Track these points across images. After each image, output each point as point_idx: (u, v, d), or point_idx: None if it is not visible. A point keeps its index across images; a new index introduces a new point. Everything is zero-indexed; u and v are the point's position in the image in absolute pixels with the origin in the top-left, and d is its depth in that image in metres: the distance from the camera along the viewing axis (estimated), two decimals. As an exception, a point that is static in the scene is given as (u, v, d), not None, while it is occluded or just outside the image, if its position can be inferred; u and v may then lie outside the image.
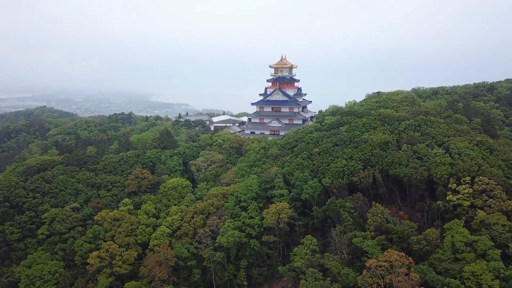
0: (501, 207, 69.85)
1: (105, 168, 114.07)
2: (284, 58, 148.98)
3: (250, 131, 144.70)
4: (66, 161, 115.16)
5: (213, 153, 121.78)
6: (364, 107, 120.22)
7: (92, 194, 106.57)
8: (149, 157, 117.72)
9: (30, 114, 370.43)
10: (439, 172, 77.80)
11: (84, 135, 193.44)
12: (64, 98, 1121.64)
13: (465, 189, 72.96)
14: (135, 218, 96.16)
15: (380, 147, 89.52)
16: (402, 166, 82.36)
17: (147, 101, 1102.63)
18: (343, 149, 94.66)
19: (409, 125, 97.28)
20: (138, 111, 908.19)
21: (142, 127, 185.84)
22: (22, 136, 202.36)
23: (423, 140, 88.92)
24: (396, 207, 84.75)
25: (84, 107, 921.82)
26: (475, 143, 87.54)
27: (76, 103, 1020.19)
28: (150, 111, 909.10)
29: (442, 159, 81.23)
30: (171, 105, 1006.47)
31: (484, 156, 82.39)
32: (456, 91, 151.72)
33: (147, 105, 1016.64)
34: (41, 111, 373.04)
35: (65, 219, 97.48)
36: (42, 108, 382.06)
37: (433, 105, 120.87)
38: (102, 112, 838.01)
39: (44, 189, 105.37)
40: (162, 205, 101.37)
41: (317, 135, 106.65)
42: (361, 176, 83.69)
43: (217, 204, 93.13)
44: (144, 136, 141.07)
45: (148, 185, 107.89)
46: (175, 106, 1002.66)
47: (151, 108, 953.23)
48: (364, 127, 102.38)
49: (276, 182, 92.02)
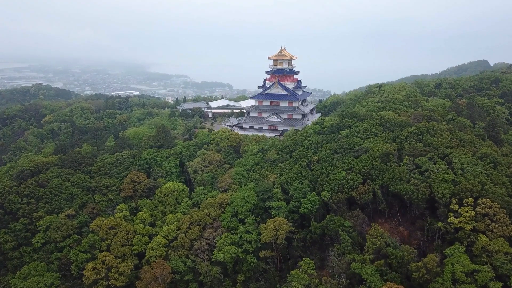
0: (503, 232, 68.27)
1: (100, 170, 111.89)
2: (284, 49, 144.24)
3: (249, 125, 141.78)
4: (61, 163, 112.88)
5: (210, 153, 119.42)
6: (365, 108, 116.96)
7: (87, 198, 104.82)
8: (145, 158, 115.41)
9: (26, 91, 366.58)
10: (441, 191, 75.80)
11: (80, 123, 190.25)
12: (62, 69, 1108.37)
13: (467, 211, 71.14)
14: (131, 227, 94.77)
15: (381, 158, 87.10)
16: (403, 182, 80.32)
17: (145, 73, 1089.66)
18: (342, 158, 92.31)
19: (412, 133, 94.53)
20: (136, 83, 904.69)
21: (139, 115, 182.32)
22: (18, 123, 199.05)
23: (426, 152, 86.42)
24: (396, 222, 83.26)
25: (82, 79, 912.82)
26: (479, 156, 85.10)
27: (73, 74, 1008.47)
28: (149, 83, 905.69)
29: (444, 175, 79.03)
30: (169, 77, 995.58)
31: (488, 172, 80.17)
32: (459, 83, 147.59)
33: (145, 76, 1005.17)
34: (38, 89, 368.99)
35: (60, 227, 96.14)
36: (39, 86, 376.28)
37: (436, 105, 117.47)
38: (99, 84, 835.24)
39: (39, 194, 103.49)
40: (159, 212, 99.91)
41: (317, 139, 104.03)
42: (361, 191, 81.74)
43: (214, 215, 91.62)
44: (140, 132, 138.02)
45: (144, 189, 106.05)
46: (174, 77, 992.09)
47: (150, 80, 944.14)
48: (365, 133, 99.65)
49: (274, 192, 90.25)
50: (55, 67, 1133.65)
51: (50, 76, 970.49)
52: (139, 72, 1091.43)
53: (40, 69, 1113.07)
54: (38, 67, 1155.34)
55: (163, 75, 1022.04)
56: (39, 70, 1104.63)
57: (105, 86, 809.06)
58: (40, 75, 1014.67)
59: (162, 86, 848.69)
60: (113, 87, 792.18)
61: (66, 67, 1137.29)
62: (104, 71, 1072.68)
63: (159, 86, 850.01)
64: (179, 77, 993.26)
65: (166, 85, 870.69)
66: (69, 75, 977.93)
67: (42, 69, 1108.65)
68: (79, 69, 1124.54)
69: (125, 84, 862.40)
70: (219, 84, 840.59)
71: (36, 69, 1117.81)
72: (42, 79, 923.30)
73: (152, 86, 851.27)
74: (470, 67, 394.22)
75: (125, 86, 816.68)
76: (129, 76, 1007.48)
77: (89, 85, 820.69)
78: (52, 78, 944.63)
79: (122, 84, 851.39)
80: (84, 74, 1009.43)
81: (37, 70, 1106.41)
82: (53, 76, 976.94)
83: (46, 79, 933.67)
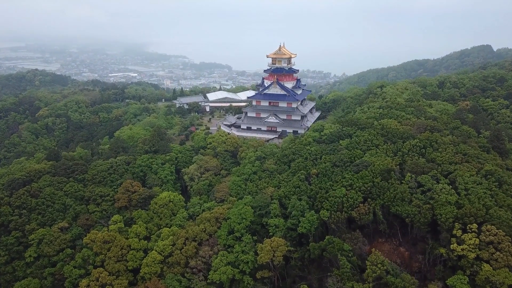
0: (508, 262, 66.14)
1: (94, 178, 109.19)
2: (283, 47, 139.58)
3: (246, 126, 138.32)
4: (53, 170, 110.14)
5: (207, 158, 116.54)
6: (366, 115, 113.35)
7: (80, 209, 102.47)
8: (139, 165, 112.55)
9: (22, 78, 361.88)
10: (444, 215, 73.27)
11: (75, 117, 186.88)
12: (59, 48, 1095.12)
13: (471, 238, 68.76)
14: (125, 241, 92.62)
15: (382, 175, 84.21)
16: (405, 203, 77.75)
17: (143, 52, 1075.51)
18: (342, 173, 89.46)
19: (414, 146, 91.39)
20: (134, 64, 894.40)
21: (135, 110, 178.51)
22: (12, 117, 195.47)
23: (428, 169, 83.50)
24: (397, 242, 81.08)
25: (79, 60, 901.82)
26: (483, 173, 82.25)
27: (71, 54, 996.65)
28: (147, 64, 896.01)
29: (448, 196, 76.40)
30: (168, 57, 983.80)
31: (492, 193, 77.54)
32: (463, 82, 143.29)
33: (143, 57, 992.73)
34: (33, 75, 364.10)
35: (53, 241, 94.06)
36: (34, 72, 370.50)
37: (440, 111, 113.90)
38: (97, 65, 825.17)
39: (31, 205, 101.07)
40: (154, 224, 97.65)
41: (316, 149, 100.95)
42: (361, 212, 79.19)
43: (210, 230, 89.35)
44: (135, 134, 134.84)
45: (139, 199, 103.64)
46: (172, 58, 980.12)
47: (148, 61, 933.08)
48: (365, 144, 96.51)
49: (271, 208, 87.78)
50: (52, 47, 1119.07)
51: (47, 57, 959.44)
52: (137, 52, 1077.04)
53: (37, 49, 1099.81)
54: (35, 47, 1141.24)
55: (162, 55, 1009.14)
56: (36, 50, 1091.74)
57: (102, 67, 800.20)
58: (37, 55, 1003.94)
59: (161, 67, 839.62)
60: (111, 69, 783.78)
61: (63, 47, 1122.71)
62: (102, 51, 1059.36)
63: (158, 67, 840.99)
64: (177, 57, 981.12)
65: (164, 66, 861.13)
66: (66, 55, 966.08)
67: (39, 49, 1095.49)
68: (77, 48, 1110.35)
69: (123, 65, 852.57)
70: (218, 65, 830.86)
71: (33, 49, 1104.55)
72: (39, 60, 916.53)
73: (150, 67, 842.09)
74: (473, 52, 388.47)
75: (123, 68, 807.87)
76: (127, 56, 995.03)
77: (86, 66, 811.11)
78: (49, 58, 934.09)
79: (120, 65, 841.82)
80: (81, 54, 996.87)
81: (34, 50, 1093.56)
82: (50, 56, 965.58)
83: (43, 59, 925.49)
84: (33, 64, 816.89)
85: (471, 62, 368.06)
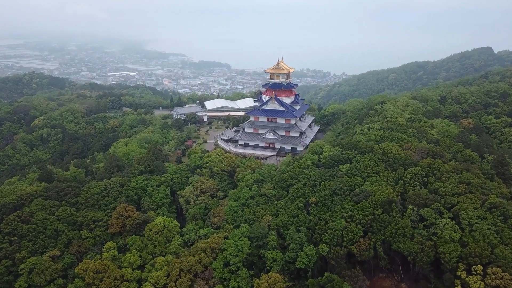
0: (514, 308, 63.48)
1: (87, 202, 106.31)
2: (281, 62, 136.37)
3: (244, 142, 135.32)
4: (45, 194, 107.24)
5: (203, 179, 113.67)
6: (367, 137, 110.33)
7: (73, 235, 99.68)
8: (134, 187, 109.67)
9: (19, 80, 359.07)
10: (447, 254, 70.76)
11: (70, 128, 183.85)
12: (57, 46, 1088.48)
13: (476, 282, 66.19)
14: (118, 272, 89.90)
15: (383, 207, 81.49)
16: (407, 239, 75.17)
17: (142, 50, 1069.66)
18: (342, 202, 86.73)
19: (416, 174, 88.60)
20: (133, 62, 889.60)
21: (131, 121, 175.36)
22: (6, 126, 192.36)
23: (431, 202, 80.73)
24: (398, 278, 78.75)
25: (78, 58, 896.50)
26: (488, 206, 79.51)
27: (69, 52, 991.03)
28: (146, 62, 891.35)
29: (451, 233, 73.76)
30: (167, 56, 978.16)
31: (498, 229, 74.84)
32: (465, 97, 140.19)
33: (142, 55, 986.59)
34: (30, 78, 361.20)
35: (44, 270, 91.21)
36: (31, 74, 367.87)
37: (442, 133, 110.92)
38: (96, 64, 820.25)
39: (22, 232, 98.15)
40: (148, 252, 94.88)
41: (315, 174, 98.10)
42: (361, 247, 76.57)
43: (205, 262, 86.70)
44: (130, 151, 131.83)
45: (133, 225, 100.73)
46: (171, 56, 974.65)
47: (147, 59, 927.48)
48: (366, 171, 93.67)
49: (269, 240, 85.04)
50: (50, 44, 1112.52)
51: (46, 55, 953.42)
52: (136, 49, 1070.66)
53: (36, 47, 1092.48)
54: (34, 44, 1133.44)
55: (161, 53, 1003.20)
56: (34, 47, 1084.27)
57: (101, 66, 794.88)
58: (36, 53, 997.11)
59: (160, 66, 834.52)
60: (109, 67, 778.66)
61: (62, 44, 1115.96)
62: (101, 49, 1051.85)
63: (156, 66, 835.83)
64: (176, 55, 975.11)
65: (163, 64, 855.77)
66: (65, 53, 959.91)
67: (38, 46, 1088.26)
68: (75, 46, 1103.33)
69: (122, 63, 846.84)
70: (217, 64, 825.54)
71: (31, 47, 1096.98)
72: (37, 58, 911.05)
73: (149, 65, 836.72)
74: (474, 54, 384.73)
75: (121, 66, 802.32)
76: (126, 54, 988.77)
77: (85, 64, 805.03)
78: (47, 56, 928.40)
79: (118, 64, 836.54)
80: (80, 52, 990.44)
81: (33, 47, 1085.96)
82: (49, 54, 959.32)
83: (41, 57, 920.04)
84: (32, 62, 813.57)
85: (472, 65, 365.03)
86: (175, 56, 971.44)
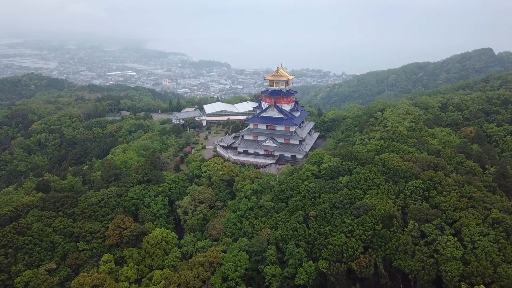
0: (517, 330, 62.35)
1: (84, 213, 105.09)
2: (281, 68, 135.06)
3: (243, 149, 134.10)
4: (42, 204, 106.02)
5: (201, 189, 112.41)
6: (367, 147, 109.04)
7: (69, 247, 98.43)
8: (131, 198, 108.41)
9: (17, 82, 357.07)
10: (449, 272, 69.60)
11: (68, 133, 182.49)
12: (57, 45, 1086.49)
13: (478, 302, 65.02)
14: (115, 286, 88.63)
15: (384, 222, 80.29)
16: (408, 256, 73.98)
17: (142, 49, 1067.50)
18: (342, 216, 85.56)
19: (417, 187, 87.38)
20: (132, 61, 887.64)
21: (130, 127, 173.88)
22: (4, 131, 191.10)
23: (432, 217, 79.48)
24: (399, 294, 77.36)
25: (77, 57, 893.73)
26: (490, 222, 78.32)
27: (69, 51, 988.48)
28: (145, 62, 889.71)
29: (453, 250, 72.51)
30: (166, 55, 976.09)
31: (500, 246, 73.63)
32: (467, 104, 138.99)
33: (142, 54, 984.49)
34: (29, 79, 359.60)
35: (40, 284, 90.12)
36: (30, 76, 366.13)
37: (443, 142, 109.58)
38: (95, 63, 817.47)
39: (17, 244, 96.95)
40: (145, 265, 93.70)
41: (314, 185, 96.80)
42: (362, 264, 75.43)
43: (203, 276, 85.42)
44: (128, 159, 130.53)
45: (131, 236, 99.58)
46: (171, 55, 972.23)
47: (146, 58, 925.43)
48: (366, 184, 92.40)
49: (268, 254, 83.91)
50: (50, 43, 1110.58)
51: (45, 53, 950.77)
52: (135, 49, 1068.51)
53: (35, 45, 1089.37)
54: (33, 43, 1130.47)
55: (160, 52, 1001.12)
56: (34, 46, 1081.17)
57: (101, 65, 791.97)
58: (35, 52, 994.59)
59: (159, 65, 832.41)
60: (109, 67, 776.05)
61: (62, 43, 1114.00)
62: (100, 48, 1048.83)
63: (156, 65, 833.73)
64: (176, 55, 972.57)
65: (163, 64, 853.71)
66: (65, 52, 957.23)
67: (37, 45, 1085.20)
68: (75, 45, 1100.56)
69: (121, 63, 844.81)
70: (216, 63, 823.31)
71: (31, 45, 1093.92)
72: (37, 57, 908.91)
73: (148, 65, 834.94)
74: (474, 55, 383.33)
75: (121, 66, 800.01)
76: (125, 53, 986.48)
77: (84, 64, 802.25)
78: (47, 55, 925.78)
79: (118, 63, 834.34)
80: (79, 51, 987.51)
81: (32, 46, 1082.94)
82: (48, 53, 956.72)
83: (41, 56, 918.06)
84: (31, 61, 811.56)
85: (472, 66, 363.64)
86: (175, 55, 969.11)
